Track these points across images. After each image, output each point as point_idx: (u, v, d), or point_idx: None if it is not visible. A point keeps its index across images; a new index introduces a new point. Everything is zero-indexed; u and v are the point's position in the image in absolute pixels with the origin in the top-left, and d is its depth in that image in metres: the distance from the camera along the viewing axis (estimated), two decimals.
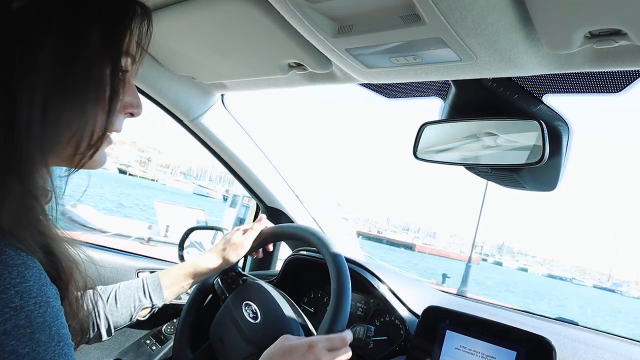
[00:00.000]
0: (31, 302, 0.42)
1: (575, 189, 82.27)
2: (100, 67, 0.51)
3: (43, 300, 0.43)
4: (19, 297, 0.41)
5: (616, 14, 0.51)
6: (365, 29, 0.66)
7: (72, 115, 0.49)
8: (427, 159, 0.95)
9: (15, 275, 0.42)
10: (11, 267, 0.42)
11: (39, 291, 0.43)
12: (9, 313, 0.40)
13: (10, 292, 0.41)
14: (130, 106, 0.60)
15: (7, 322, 0.40)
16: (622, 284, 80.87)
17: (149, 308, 0.93)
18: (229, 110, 1.35)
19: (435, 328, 0.93)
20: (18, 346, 0.40)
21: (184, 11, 0.84)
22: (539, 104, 0.86)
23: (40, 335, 0.42)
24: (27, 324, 0.41)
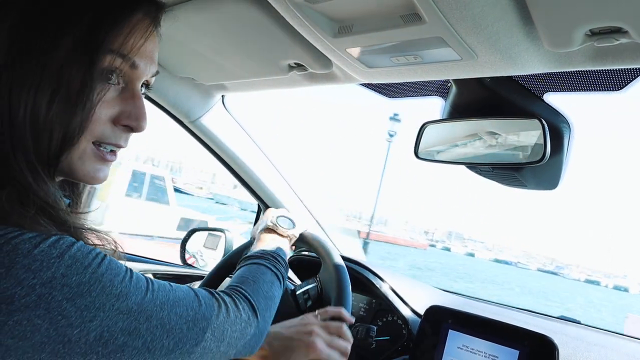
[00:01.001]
0: (64, 246, 0.45)
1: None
2: (64, 63, 0.47)
3: (68, 242, 0.46)
4: (54, 248, 0.44)
5: (617, 11, 0.51)
6: (365, 29, 0.65)
7: (19, 107, 0.46)
8: (428, 159, 0.95)
9: (42, 237, 0.44)
10: (36, 236, 0.43)
11: (61, 237, 0.45)
12: (55, 261, 0.43)
13: (45, 248, 0.43)
14: (127, 117, 0.54)
15: (59, 268, 0.43)
16: (564, 267, 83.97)
17: None
18: (230, 112, 1.35)
19: (438, 328, 0.93)
20: (80, 278, 0.44)
21: (184, 12, 0.84)
22: (540, 103, 0.86)
23: (89, 261, 0.46)
24: (73, 261, 0.44)
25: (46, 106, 0.47)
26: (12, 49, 0.46)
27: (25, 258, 0.41)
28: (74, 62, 0.48)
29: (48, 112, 0.47)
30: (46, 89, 0.47)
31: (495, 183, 0.97)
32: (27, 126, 0.47)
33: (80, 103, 0.48)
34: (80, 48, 0.48)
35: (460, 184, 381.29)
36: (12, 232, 0.43)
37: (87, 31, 0.48)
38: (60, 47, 0.47)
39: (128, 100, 0.54)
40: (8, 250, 0.41)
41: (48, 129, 0.47)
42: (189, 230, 1.56)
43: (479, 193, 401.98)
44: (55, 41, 0.47)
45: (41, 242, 0.43)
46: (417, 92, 1.04)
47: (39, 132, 0.47)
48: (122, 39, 0.50)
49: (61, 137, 0.48)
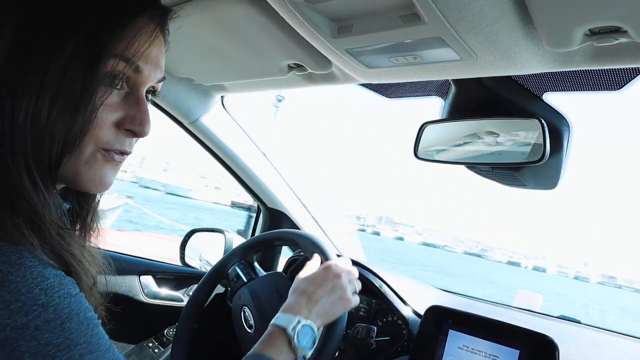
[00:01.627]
0: (55, 296, 0.43)
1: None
2: (66, 66, 0.47)
3: (66, 293, 0.45)
4: (44, 294, 0.43)
5: (616, 11, 0.51)
6: (365, 29, 0.65)
7: (20, 110, 0.46)
8: (427, 159, 0.95)
9: (36, 275, 0.43)
10: (31, 268, 0.43)
11: (60, 285, 0.44)
12: (38, 310, 0.42)
13: (35, 290, 0.42)
14: (131, 122, 0.53)
15: (37, 319, 0.42)
16: (489, 250, 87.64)
17: None
18: (229, 112, 1.35)
19: (438, 328, 0.93)
20: (52, 337, 0.42)
21: (183, 13, 0.84)
22: (539, 102, 0.86)
23: (70, 324, 0.44)
24: (56, 316, 0.43)
25: (47, 110, 0.46)
26: (15, 51, 0.46)
27: (10, 294, 0.41)
28: (76, 66, 0.47)
29: (49, 115, 0.47)
30: (48, 92, 0.46)
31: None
32: (28, 130, 0.46)
33: (82, 107, 0.48)
34: (83, 52, 0.47)
35: (400, 170, 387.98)
36: (12, 252, 0.42)
37: (89, 35, 0.48)
38: (62, 51, 0.47)
39: (132, 105, 0.53)
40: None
41: (49, 132, 0.47)
42: (188, 231, 1.56)
43: (416, 178, 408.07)
44: (58, 44, 0.47)
45: (35, 284, 0.42)
46: (417, 92, 1.04)
47: (40, 136, 0.47)
48: (125, 43, 0.50)
49: (62, 141, 0.48)
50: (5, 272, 0.41)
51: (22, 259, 0.43)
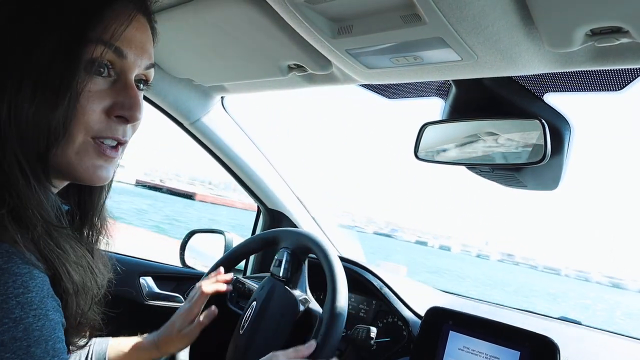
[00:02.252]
0: (31, 314, 0.41)
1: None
2: (43, 53, 0.46)
3: (42, 313, 0.42)
4: (20, 309, 0.40)
5: (617, 11, 0.51)
6: (365, 30, 0.65)
7: (5, 109, 0.45)
8: (428, 159, 0.94)
9: (19, 284, 0.41)
10: (16, 275, 0.41)
11: (40, 303, 0.42)
12: (8, 324, 0.39)
13: (12, 302, 0.40)
14: (120, 107, 0.52)
15: (4, 334, 0.39)
16: (399, 230, 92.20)
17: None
18: (229, 113, 1.34)
19: (439, 329, 0.93)
20: (13, 359, 0.39)
21: (183, 13, 0.84)
22: (540, 103, 0.86)
23: (36, 349, 0.41)
24: (24, 336, 0.40)
25: (29, 101, 0.46)
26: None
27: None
28: (54, 54, 0.46)
29: (31, 106, 0.46)
30: (28, 83, 0.45)
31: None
32: (12, 123, 0.45)
33: (62, 95, 0.47)
34: (60, 39, 0.46)
35: (313, 152, 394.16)
36: (1, 255, 0.41)
37: (66, 22, 0.47)
38: (40, 40, 0.46)
39: (120, 91, 0.52)
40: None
41: (34, 124, 0.46)
42: (188, 232, 1.56)
43: (330, 161, 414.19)
44: (35, 34, 0.46)
45: (14, 295, 0.40)
46: (417, 92, 1.04)
47: (24, 128, 0.46)
48: (102, 26, 0.49)
49: (47, 131, 0.47)
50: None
51: (9, 264, 0.41)
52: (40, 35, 0.46)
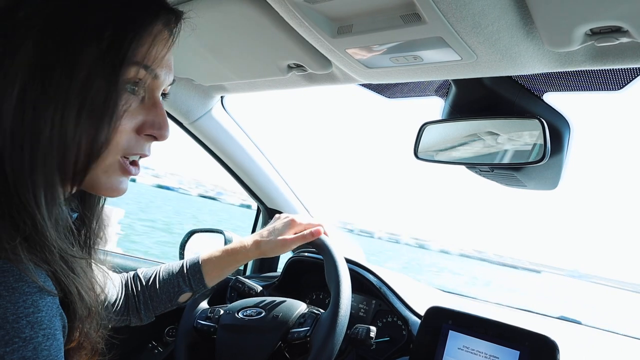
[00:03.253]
0: (40, 333, 0.41)
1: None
2: (88, 77, 0.46)
3: (51, 333, 0.42)
4: (30, 328, 0.41)
5: (617, 11, 0.51)
6: (365, 29, 0.65)
7: (47, 125, 0.45)
8: (428, 159, 0.95)
9: (29, 304, 0.41)
10: (26, 295, 0.41)
11: (49, 323, 0.42)
12: (18, 344, 0.40)
13: (22, 321, 0.40)
14: (150, 126, 0.53)
15: (14, 353, 0.39)
16: (224, 192, 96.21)
17: (190, 294, 0.92)
18: (229, 112, 1.34)
19: (438, 328, 0.93)
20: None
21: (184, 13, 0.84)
22: (540, 103, 0.86)
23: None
24: (33, 356, 0.41)
25: (74, 121, 0.46)
26: (37, 64, 0.45)
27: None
28: (99, 76, 0.47)
29: (76, 127, 0.46)
30: (73, 104, 0.46)
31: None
32: (55, 143, 0.45)
33: (107, 116, 0.48)
34: (104, 61, 0.47)
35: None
36: (12, 274, 0.41)
37: (110, 44, 0.47)
38: (84, 61, 0.46)
39: (150, 110, 0.54)
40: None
41: (76, 144, 0.47)
42: (188, 232, 1.56)
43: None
44: (79, 56, 0.46)
45: (25, 314, 0.40)
46: (417, 92, 1.04)
47: (66, 148, 0.46)
48: (145, 50, 0.50)
49: (88, 151, 0.47)
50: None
51: (19, 283, 0.41)
52: (83, 58, 0.46)
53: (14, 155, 0.44)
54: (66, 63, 0.46)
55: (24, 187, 0.44)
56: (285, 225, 0.96)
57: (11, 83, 0.44)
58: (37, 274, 0.43)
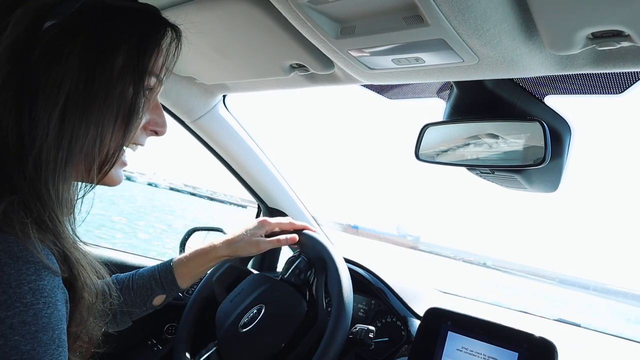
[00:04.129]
0: (41, 300, 0.43)
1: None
2: (122, 87, 0.52)
3: (52, 302, 0.44)
4: (31, 294, 0.42)
5: (618, 15, 0.51)
6: (367, 30, 0.66)
7: (89, 130, 0.50)
8: (428, 160, 0.95)
9: (32, 272, 0.43)
10: (30, 263, 0.43)
11: (50, 292, 0.44)
12: (19, 308, 0.41)
13: (25, 287, 0.42)
14: (155, 124, 0.62)
15: (14, 317, 0.41)
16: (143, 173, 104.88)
17: (163, 296, 0.94)
18: (231, 111, 1.35)
19: (437, 329, 0.93)
20: (20, 342, 0.41)
21: (186, 12, 0.84)
22: (541, 105, 0.86)
23: (43, 336, 0.42)
24: (33, 321, 0.42)
25: (112, 125, 0.52)
26: (80, 74, 0.49)
27: (0, 284, 0.41)
28: (129, 85, 0.53)
29: (113, 130, 0.53)
30: (112, 110, 0.52)
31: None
32: (95, 144, 0.51)
33: (135, 119, 0.55)
34: (134, 72, 0.53)
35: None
36: (17, 245, 0.43)
37: (135, 56, 0.54)
38: (117, 72, 0.52)
39: (153, 110, 0.61)
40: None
41: (108, 144, 0.53)
42: (188, 230, 1.56)
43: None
44: (114, 67, 0.52)
45: (27, 281, 0.42)
46: (419, 93, 1.05)
47: (102, 148, 0.52)
48: (160, 62, 0.57)
49: (117, 149, 0.54)
50: (3, 263, 0.41)
51: (24, 252, 0.43)
52: (116, 69, 0.52)
53: (49, 153, 0.48)
54: (105, 74, 0.51)
55: (49, 180, 0.48)
56: (257, 226, 1.01)
57: (57, 89, 0.48)
58: (43, 252, 0.45)
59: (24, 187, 0.46)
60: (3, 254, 0.42)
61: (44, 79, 0.48)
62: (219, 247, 0.98)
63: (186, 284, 0.96)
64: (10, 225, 0.44)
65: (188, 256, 0.97)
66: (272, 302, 0.99)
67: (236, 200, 79.39)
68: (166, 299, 0.95)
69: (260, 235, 1.00)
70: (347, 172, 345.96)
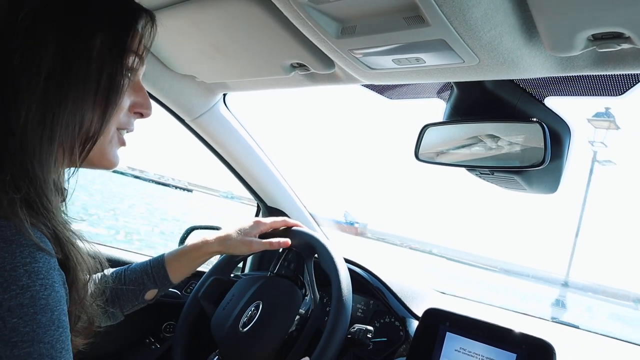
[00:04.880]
0: (38, 282, 0.43)
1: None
2: (100, 65, 0.53)
3: (49, 284, 0.44)
4: (27, 277, 0.43)
5: (619, 17, 0.51)
6: (368, 30, 0.66)
7: (67, 108, 0.51)
8: (428, 161, 0.95)
9: (26, 255, 0.43)
10: (23, 246, 0.43)
11: (47, 274, 0.44)
12: (15, 291, 0.42)
13: (20, 270, 0.42)
14: (139, 106, 0.63)
15: (12, 300, 0.41)
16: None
17: (155, 290, 0.95)
18: (231, 110, 1.35)
19: (435, 330, 0.94)
20: (19, 324, 0.41)
21: (187, 11, 0.84)
22: (541, 107, 0.86)
23: (41, 317, 0.43)
24: (30, 303, 0.42)
25: (91, 102, 0.53)
26: (57, 56, 0.50)
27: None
28: (107, 63, 0.54)
29: (93, 106, 0.53)
30: (90, 87, 0.52)
31: None
32: (75, 121, 0.52)
33: (115, 96, 0.55)
34: (111, 51, 0.54)
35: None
36: (9, 228, 0.43)
37: (112, 36, 0.55)
38: (95, 52, 0.53)
39: (137, 92, 0.62)
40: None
41: (89, 120, 0.53)
42: (187, 228, 1.56)
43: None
44: (91, 47, 0.53)
45: (22, 264, 0.43)
46: (419, 94, 1.05)
47: (82, 124, 0.53)
48: (136, 41, 0.58)
49: (98, 126, 0.54)
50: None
51: (16, 236, 0.43)
52: (94, 49, 0.53)
53: (34, 132, 0.48)
54: (82, 54, 0.52)
55: (34, 158, 0.48)
56: (252, 225, 1.02)
57: (37, 71, 0.49)
58: (34, 234, 0.45)
59: (12, 166, 0.47)
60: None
61: (24, 63, 0.48)
62: (211, 242, 0.98)
63: (178, 278, 0.97)
64: (12, 213, 0.44)
65: (180, 251, 0.98)
66: (268, 296, 1.00)
67: (184, 184, 78.95)
68: (158, 293, 0.96)
69: (254, 236, 1.01)
70: (351, 171, 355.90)
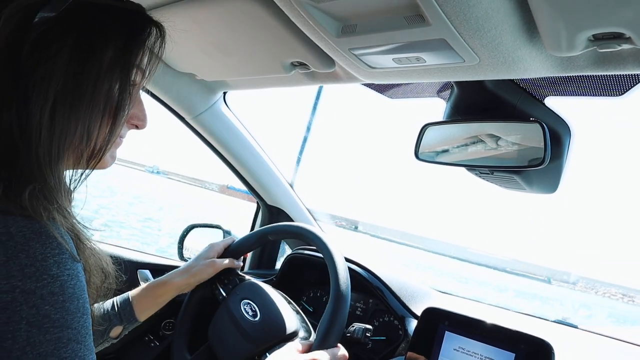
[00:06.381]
0: (65, 272, 0.46)
1: None
2: (110, 82, 0.54)
3: (74, 274, 0.47)
4: (56, 267, 0.45)
5: (619, 17, 0.51)
6: (369, 29, 0.66)
7: (78, 124, 0.52)
8: (428, 160, 0.95)
9: (55, 246, 0.46)
10: (52, 238, 0.46)
11: (72, 264, 0.47)
12: (47, 280, 0.44)
13: (50, 260, 0.45)
14: (136, 118, 0.64)
15: (44, 288, 0.44)
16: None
17: (120, 327, 0.95)
18: (231, 108, 1.35)
19: (434, 329, 0.94)
20: (51, 311, 0.44)
21: (188, 9, 0.84)
22: (541, 106, 0.86)
23: (70, 305, 0.46)
24: (60, 292, 0.45)
25: (100, 117, 0.54)
26: (69, 70, 0.51)
27: (27, 258, 0.43)
28: (116, 79, 0.55)
29: (101, 121, 0.54)
30: (99, 102, 0.53)
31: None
32: (84, 136, 0.53)
33: (122, 112, 0.56)
34: (122, 67, 0.55)
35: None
36: (37, 223, 0.45)
37: (122, 51, 0.55)
38: (105, 67, 0.53)
39: (137, 105, 0.63)
40: (19, 241, 0.44)
41: (96, 135, 0.55)
42: (186, 226, 1.57)
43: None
44: (102, 62, 0.53)
45: (52, 254, 0.45)
46: (419, 93, 1.05)
47: (90, 138, 0.54)
48: (145, 59, 0.59)
49: (106, 140, 0.56)
50: (28, 238, 0.44)
51: (45, 228, 0.46)
52: (104, 64, 0.53)
53: (44, 146, 0.50)
54: (93, 69, 0.52)
55: (47, 163, 0.50)
56: (207, 249, 1.08)
57: (46, 85, 0.49)
58: (56, 229, 0.48)
59: (36, 176, 0.49)
60: (26, 229, 0.45)
61: (35, 75, 0.49)
62: (174, 276, 1.02)
63: (145, 315, 0.98)
64: (36, 212, 0.46)
65: (145, 288, 1.00)
66: (255, 297, 1.01)
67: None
68: (123, 331, 0.96)
69: (213, 257, 1.06)
70: (351, 169, 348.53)
